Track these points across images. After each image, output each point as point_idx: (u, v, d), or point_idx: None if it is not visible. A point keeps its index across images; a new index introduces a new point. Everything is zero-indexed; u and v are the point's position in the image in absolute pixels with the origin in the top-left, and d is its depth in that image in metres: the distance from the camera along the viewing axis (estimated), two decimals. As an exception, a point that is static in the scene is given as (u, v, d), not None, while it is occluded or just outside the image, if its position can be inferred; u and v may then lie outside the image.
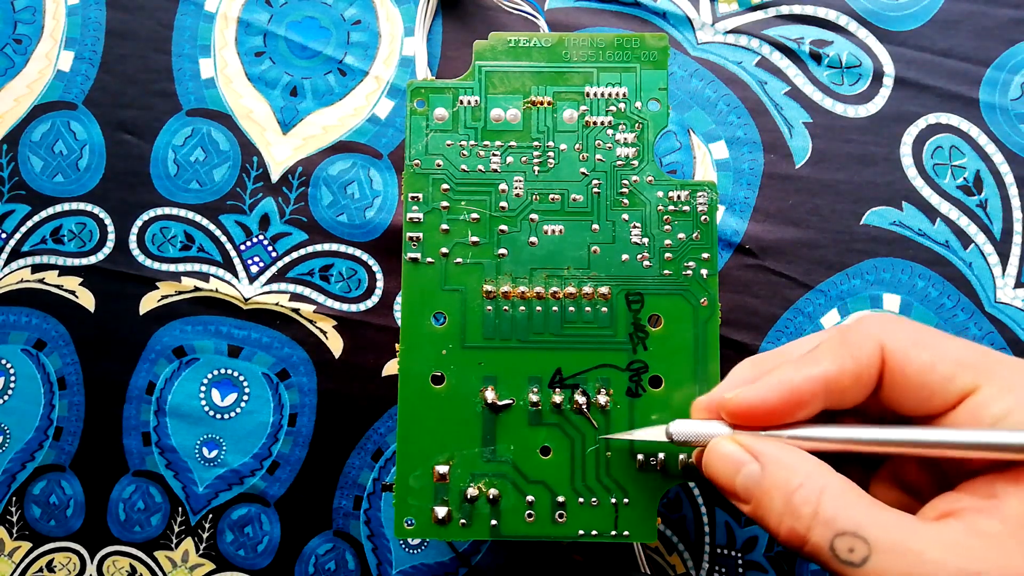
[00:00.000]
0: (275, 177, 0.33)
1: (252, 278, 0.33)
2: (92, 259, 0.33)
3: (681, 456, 0.25)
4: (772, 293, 0.31)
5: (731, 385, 0.21)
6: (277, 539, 0.32)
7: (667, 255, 0.26)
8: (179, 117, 0.33)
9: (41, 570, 0.33)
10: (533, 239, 0.26)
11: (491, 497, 0.25)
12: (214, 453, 0.32)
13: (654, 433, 0.23)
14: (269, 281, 0.33)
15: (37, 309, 0.33)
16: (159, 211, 0.33)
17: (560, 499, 0.25)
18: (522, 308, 0.26)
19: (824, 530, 0.17)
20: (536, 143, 0.26)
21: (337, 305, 0.32)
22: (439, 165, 0.26)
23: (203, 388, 0.32)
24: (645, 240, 0.26)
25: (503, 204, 0.26)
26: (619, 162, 0.26)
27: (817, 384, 0.19)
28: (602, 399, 0.25)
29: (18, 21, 0.34)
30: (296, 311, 0.32)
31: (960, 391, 0.19)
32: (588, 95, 0.26)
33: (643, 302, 0.26)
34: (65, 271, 0.33)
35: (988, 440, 0.18)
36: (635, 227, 0.26)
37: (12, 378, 0.33)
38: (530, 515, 0.25)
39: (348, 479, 0.32)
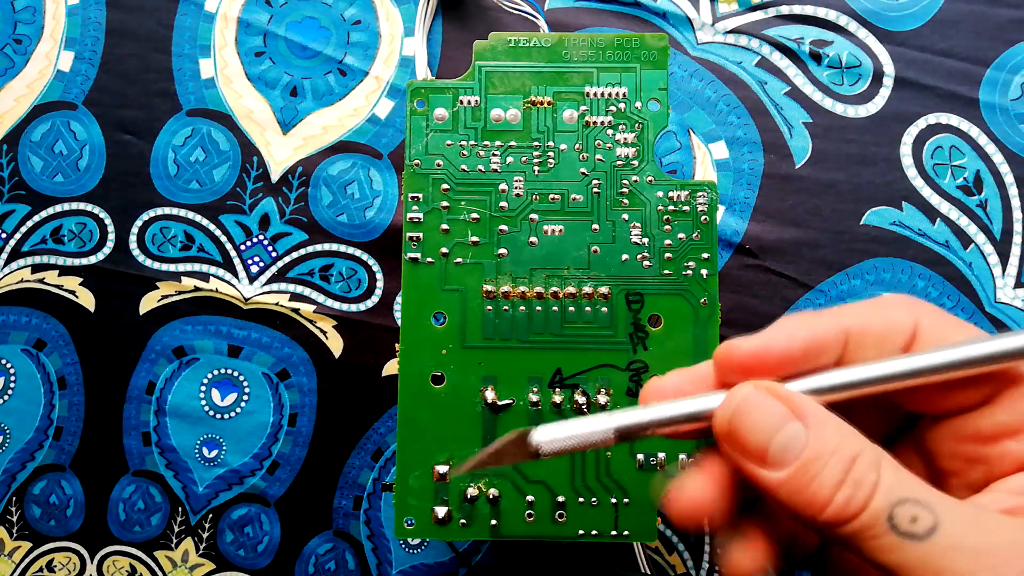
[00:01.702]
0: (275, 177, 0.33)
1: (252, 278, 0.33)
2: (92, 259, 0.33)
3: (681, 456, 0.25)
4: (772, 293, 0.31)
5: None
6: (277, 539, 0.32)
7: (667, 255, 0.26)
8: (179, 117, 0.33)
9: (41, 570, 0.33)
10: (533, 239, 0.26)
11: (491, 497, 0.25)
12: (214, 453, 0.32)
13: (510, 450, 0.18)
14: (269, 281, 0.33)
15: (37, 309, 0.33)
16: (159, 211, 0.33)
17: (560, 499, 0.25)
18: (522, 308, 0.26)
19: (885, 498, 0.15)
20: (536, 143, 0.26)
21: (337, 305, 0.32)
22: (439, 165, 0.26)
23: (203, 388, 0.32)
24: (645, 240, 0.26)
25: (503, 204, 0.26)
26: (619, 162, 0.26)
27: (838, 332, 0.17)
28: (602, 399, 0.25)
29: (18, 21, 0.34)
30: (296, 311, 0.32)
31: (999, 379, 0.17)
32: (588, 95, 0.26)
33: (643, 302, 0.26)
34: (65, 271, 0.33)
35: None
36: (635, 227, 0.26)
37: (12, 378, 0.33)
38: (530, 515, 0.25)
39: (348, 479, 0.32)
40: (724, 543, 0.18)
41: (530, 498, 0.25)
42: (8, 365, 0.33)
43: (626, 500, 0.25)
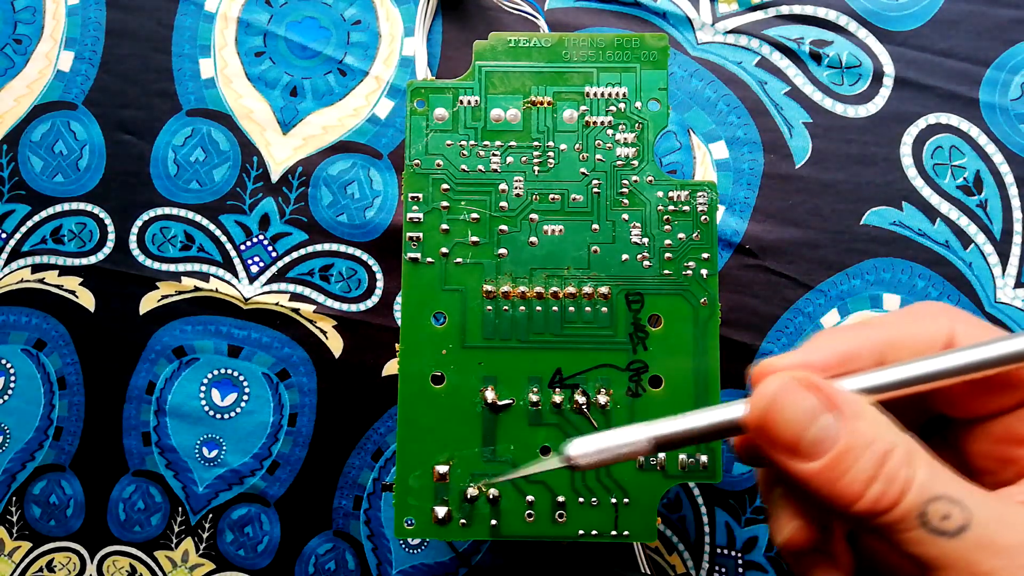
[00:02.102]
0: (275, 177, 0.33)
1: (252, 278, 0.33)
2: (92, 259, 0.33)
3: (681, 456, 0.25)
4: (772, 293, 0.31)
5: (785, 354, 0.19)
6: (277, 539, 0.32)
7: (667, 255, 0.26)
8: (179, 117, 0.33)
9: (41, 570, 0.33)
10: (533, 239, 0.26)
11: (491, 497, 0.25)
12: (214, 453, 0.32)
13: (550, 463, 0.19)
14: (269, 281, 0.33)
15: (37, 309, 0.33)
16: (159, 211, 0.33)
17: (560, 499, 0.25)
18: (522, 308, 0.26)
19: (918, 494, 0.15)
20: (536, 143, 0.26)
21: (337, 305, 0.32)
22: (439, 165, 0.26)
23: (203, 388, 0.32)
24: (645, 240, 0.26)
25: (503, 204, 0.26)
26: (619, 162, 0.26)
27: (872, 346, 0.18)
28: (602, 399, 0.25)
29: (18, 21, 0.34)
30: (296, 311, 0.32)
31: None
32: (588, 95, 0.26)
33: (643, 302, 0.26)
34: (65, 271, 0.33)
35: None
36: (635, 227, 0.26)
37: (12, 378, 0.33)
38: (530, 515, 0.25)
39: (348, 479, 0.32)
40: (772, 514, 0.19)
41: (530, 498, 0.25)
42: (8, 365, 0.33)
43: (626, 500, 0.25)
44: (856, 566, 0.19)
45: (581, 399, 0.25)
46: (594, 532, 0.25)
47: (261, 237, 0.33)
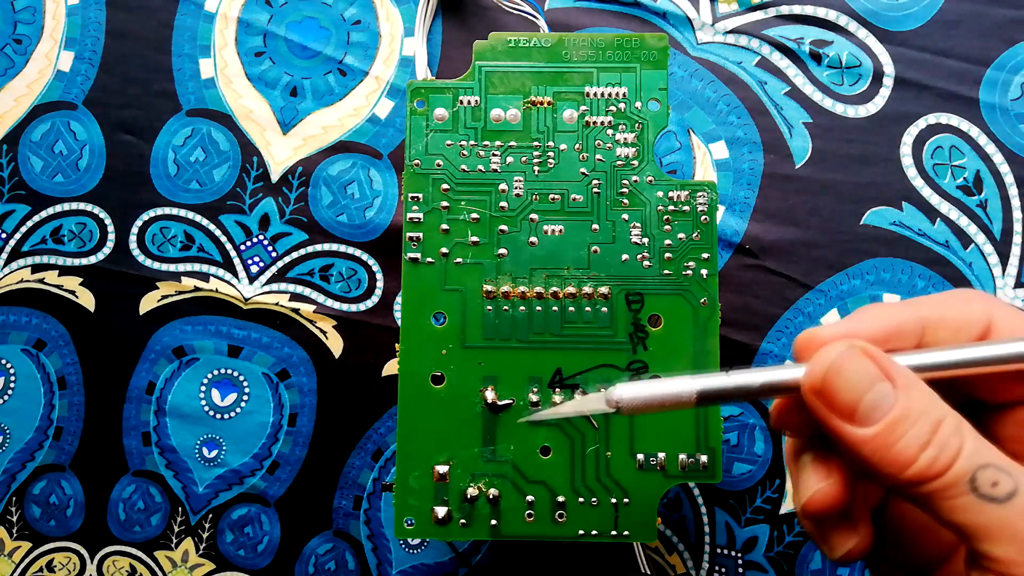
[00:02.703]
0: (275, 177, 0.33)
1: (252, 278, 0.33)
2: (92, 259, 0.33)
3: (681, 456, 0.25)
4: (772, 293, 0.31)
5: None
6: (277, 539, 0.32)
7: (667, 255, 0.26)
8: (179, 117, 0.33)
9: (41, 570, 0.33)
10: (533, 239, 0.26)
11: (491, 497, 0.25)
12: (214, 453, 0.32)
13: (592, 403, 0.19)
14: (269, 281, 0.33)
15: (37, 309, 0.33)
16: (159, 211, 0.33)
17: (560, 499, 0.25)
18: (522, 308, 0.26)
19: (968, 461, 0.16)
20: (536, 143, 0.26)
21: (337, 305, 0.32)
22: (439, 165, 0.26)
23: (203, 388, 0.32)
24: (645, 240, 0.26)
25: (503, 204, 0.26)
26: (619, 162, 0.26)
27: (916, 322, 0.18)
28: (602, 399, 0.25)
29: (18, 21, 0.34)
30: (296, 311, 0.32)
31: None
32: (588, 95, 0.26)
33: (643, 302, 0.26)
34: (65, 271, 0.33)
35: None
36: (635, 227, 0.26)
37: (12, 378, 0.33)
38: (530, 515, 0.25)
39: (348, 479, 0.32)
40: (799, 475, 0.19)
41: (530, 498, 0.25)
42: (8, 365, 0.33)
43: (626, 500, 0.25)
44: (876, 540, 0.19)
45: (581, 399, 0.25)
46: (594, 532, 0.25)
47: (261, 237, 0.33)
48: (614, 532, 0.25)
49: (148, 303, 0.33)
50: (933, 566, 0.20)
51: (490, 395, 0.25)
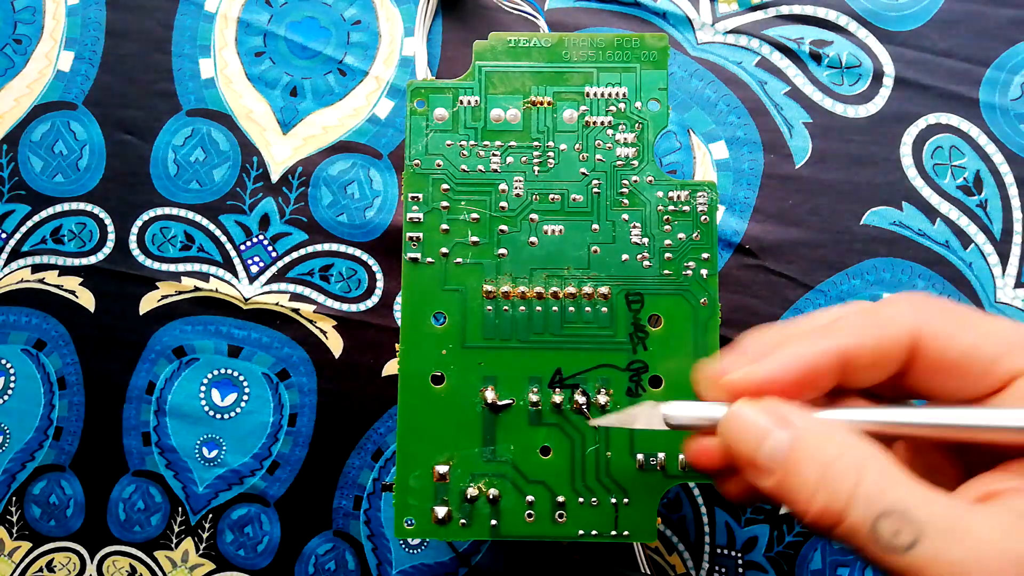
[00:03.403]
0: (275, 177, 0.33)
1: (252, 278, 0.33)
2: (92, 259, 0.33)
3: (681, 456, 0.25)
4: (772, 293, 0.31)
5: (737, 359, 0.19)
6: (277, 539, 0.32)
7: (667, 255, 0.26)
8: (179, 117, 0.33)
9: (41, 570, 0.33)
10: (533, 239, 0.26)
11: (491, 497, 0.25)
12: (214, 453, 0.32)
13: (646, 416, 0.20)
14: (269, 281, 0.33)
15: (37, 309, 0.33)
16: (159, 211, 0.33)
17: (560, 499, 0.25)
18: (522, 308, 0.26)
19: (866, 508, 0.15)
20: (536, 143, 0.26)
21: (337, 305, 0.32)
22: (439, 165, 0.26)
23: (203, 388, 0.32)
24: (645, 240, 0.26)
25: (503, 204, 0.26)
26: (619, 162, 0.26)
27: (832, 360, 0.18)
28: (602, 399, 0.25)
29: (18, 21, 0.34)
30: (296, 311, 0.32)
31: (1008, 373, 0.17)
32: (588, 95, 0.26)
33: (643, 302, 0.26)
34: (65, 271, 0.33)
35: None
36: (635, 227, 0.26)
37: (12, 378, 0.33)
38: (530, 515, 0.25)
39: (348, 479, 0.32)
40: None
41: (530, 498, 0.25)
42: (8, 365, 0.33)
43: (626, 500, 0.25)
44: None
45: (581, 399, 0.25)
46: (594, 532, 0.25)
47: (261, 237, 0.33)
48: (614, 532, 0.25)
49: (148, 303, 0.33)
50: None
51: (490, 395, 0.25)
